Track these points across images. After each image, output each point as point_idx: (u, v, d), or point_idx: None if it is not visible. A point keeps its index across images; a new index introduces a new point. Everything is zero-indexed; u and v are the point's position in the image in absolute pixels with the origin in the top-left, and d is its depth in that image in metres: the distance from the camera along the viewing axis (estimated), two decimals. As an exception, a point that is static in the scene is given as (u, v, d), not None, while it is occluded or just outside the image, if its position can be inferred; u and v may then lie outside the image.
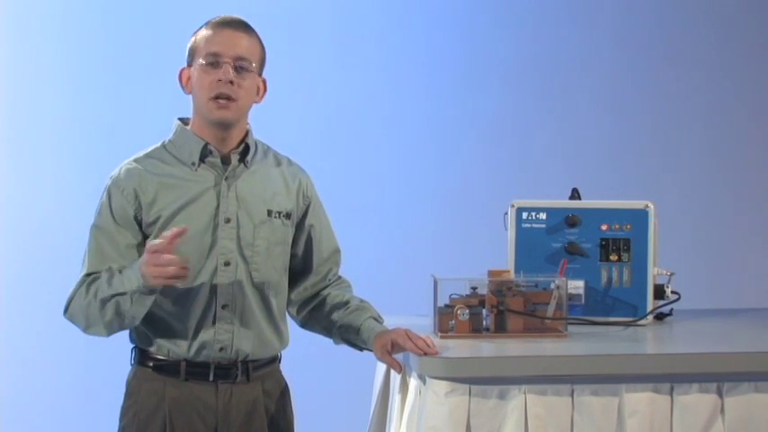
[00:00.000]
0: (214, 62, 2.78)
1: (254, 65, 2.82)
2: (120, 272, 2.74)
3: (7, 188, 4.67)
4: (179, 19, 2.91)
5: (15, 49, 4.68)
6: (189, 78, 2.83)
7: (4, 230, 4.67)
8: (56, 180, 4.69)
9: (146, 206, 2.79)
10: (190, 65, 2.83)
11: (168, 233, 2.64)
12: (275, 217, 2.86)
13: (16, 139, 4.69)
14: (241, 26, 2.83)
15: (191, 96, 2.85)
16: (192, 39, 2.84)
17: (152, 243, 2.65)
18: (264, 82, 2.88)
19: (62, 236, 4.52)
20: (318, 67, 4.86)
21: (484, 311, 2.98)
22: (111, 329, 2.78)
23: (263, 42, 2.88)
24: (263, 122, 2.96)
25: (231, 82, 2.77)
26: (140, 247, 2.80)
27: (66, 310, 2.82)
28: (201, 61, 2.79)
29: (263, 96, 2.89)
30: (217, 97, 2.77)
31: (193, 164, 2.83)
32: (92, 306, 2.74)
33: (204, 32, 2.82)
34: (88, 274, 2.79)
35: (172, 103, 2.94)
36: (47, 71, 4.70)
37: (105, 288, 2.73)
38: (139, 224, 2.81)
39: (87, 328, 2.79)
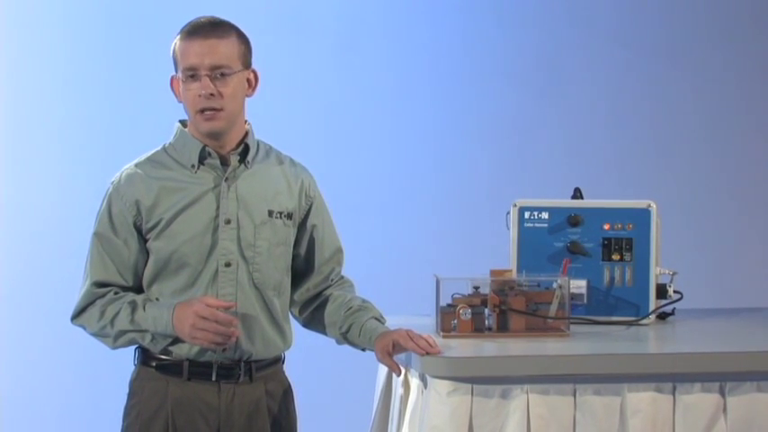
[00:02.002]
0: (192, 75, 2.76)
1: (234, 66, 2.78)
2: (144, 308, 2.76)
3: (8, 189, 4.67)
4: (181, 19, 2.90)
5: (17, 50, 4.68)
6: (179, 86, 2.81)
7: (5, 231, 4.67)
8: (57, 181, 4.68)
9: (146, 212, 2.79)
10: (177, 73, 2.81)
11: (217, 302, 2.71)
12: (276, 217, 2.86)
13: (17, 140, 4.69)
14: (212, 31, 2.77)
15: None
16: (172, 47, 2.81)
17: (203, 308, 2.68)
18: (255, 73, 2.85)
19: (64, 236, 4.52)
20: (319, 66, 4.85)
21: (486, 311, 2.98)
22: (118, 348, 2.84)
23: (244, 33, 2.82)
24: (264, 122, 2.95)
25: (212, 94, 2.75)
26: (141, 253, 2.81)
27: (74, 318, 2.83)
28: (181, 75, 2.77)
29: (255, 88, 2.85)
30: (202, 110, 2.77)
31: (193, 166, 2.82)
32: (106, 329, 2.79)
33: (179, 43, 2.79)
34: (95, 284, 2.80)
35: (174, 104, 2.93)
36: (48, 72, 4.70)
37: (125, 321, 2.76)
38: (139, 231, 2.81)
39: (96, 337, 2.83)
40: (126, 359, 2.89)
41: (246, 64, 2.83)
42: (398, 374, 2.81)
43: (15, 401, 4.63)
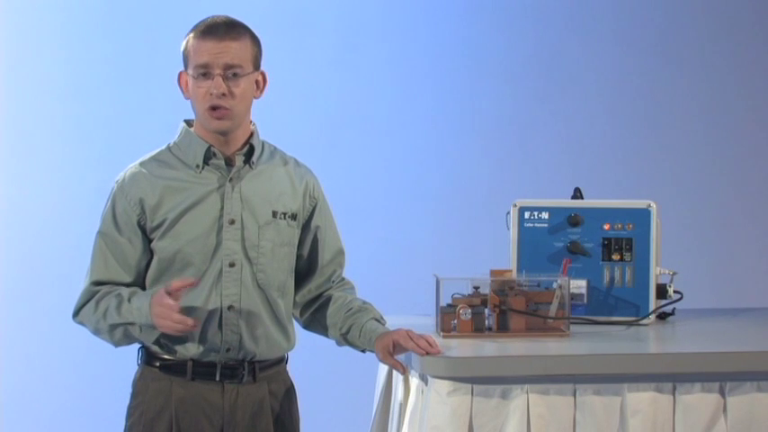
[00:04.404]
0: (204, 73, 2.76)
1: (246, 67, 2.79)
2: (130, 300, 2.76)
3: (8, 189, 4.67)
4: (182, 18, 2.90)
5: (17, 50, 4.68)
6: (187, 82, 2.82)
7: (6, 230, 4.67)
8: (57, 181, 4.69)
9: (150, 211, 2.80)
10: (186, 69, 2.82)
11: (175, 282, 2.68)
12: (280, 218, 2.86)
13: (18, 140, 4.69)
14: (227, 32, 2.78)
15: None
16: (184, 43, 2.81)
17: (160, 295, 2.67)
18: (264, 75, 2.86)
19: (64, 236, 4.53)
20: (320, 65, 4.86)
21: (486, 311, 2.98)
22: (120, 345, 2.84)
23: (256, 35, 2.84)
24: (265, 121, 2.96)
25: (224, 93, 2.76)
26: (145, 252, 2.82)
27: (75, 315, 2.84)
28: (192, 72, 2.78)
29: (263, 90, 2.87)
30: (212, 108, 2.77)
31: (197, 166, 2.83)
32: (101, 324, 2.79)
33: (192, 41, 2.79)
34: (94, 283, 2.81)
35: (176, 103, 2.93)
36: (49, 71, 4.70)
37: (114, 314, 2.76)
38: (143, 230, 2.81)
39: (96, 335, 2.84)
40: (129, 359, 2.89)
41: (257, 66, 2.84)
42: (403, 373, 2.82)
43: (16, 401, 4.63)
